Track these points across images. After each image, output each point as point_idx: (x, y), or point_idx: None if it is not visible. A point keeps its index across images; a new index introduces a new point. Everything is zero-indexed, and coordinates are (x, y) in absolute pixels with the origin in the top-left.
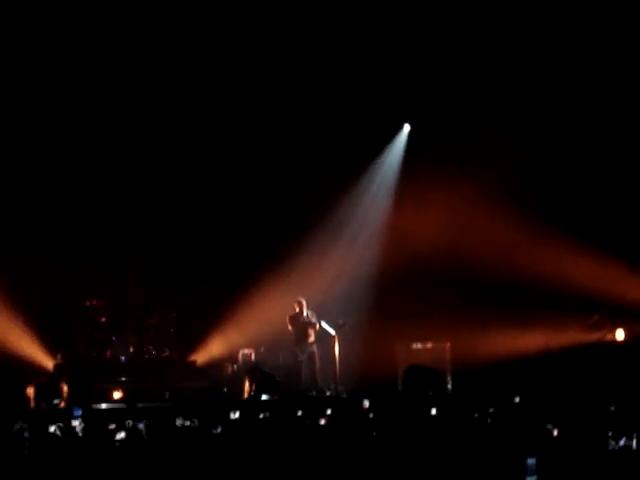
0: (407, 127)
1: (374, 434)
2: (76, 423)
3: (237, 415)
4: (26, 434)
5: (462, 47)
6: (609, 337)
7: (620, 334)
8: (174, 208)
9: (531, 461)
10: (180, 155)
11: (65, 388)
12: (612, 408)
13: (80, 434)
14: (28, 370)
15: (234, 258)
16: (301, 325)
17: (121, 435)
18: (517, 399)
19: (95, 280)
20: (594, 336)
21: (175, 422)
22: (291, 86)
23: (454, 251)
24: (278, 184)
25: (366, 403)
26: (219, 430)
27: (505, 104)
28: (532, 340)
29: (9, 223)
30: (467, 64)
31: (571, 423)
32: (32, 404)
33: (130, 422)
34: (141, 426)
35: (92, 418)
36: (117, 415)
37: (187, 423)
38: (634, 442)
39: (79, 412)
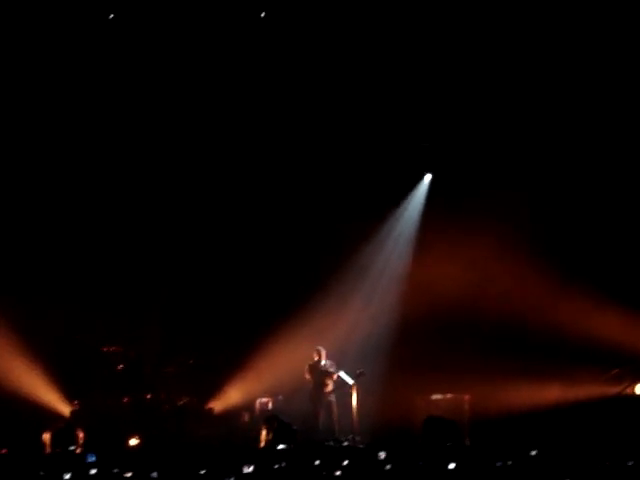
0: (428, 177)
1: None
2: (92, 471)
3: (250, 469)
4: None
5: (483, 100)
6: (629, 391)
7: None
8: (195, 256)
9: None
10: (202, 203)
11: (81, 434)
12: (630, 463)
13: None
14: (45, 416)
15: (253, 306)
16: (319, 374)
17: None
18: (534, 452)
19: (113, 327)
20: (614, 390)
21: (190, 472)
22: (315, 130)
23: (474, 303)
24: (298, 233)
25: (382, 454)
26: None
27: (525, 156)
28: (551, 393)
29: (29, 267)
30: (486, 115)
31: (588, 477)
32: (48, 450)
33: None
34: (154, 475)
35: (107, 465)
36: (132, 462)
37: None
38: None
39: (93, 458)
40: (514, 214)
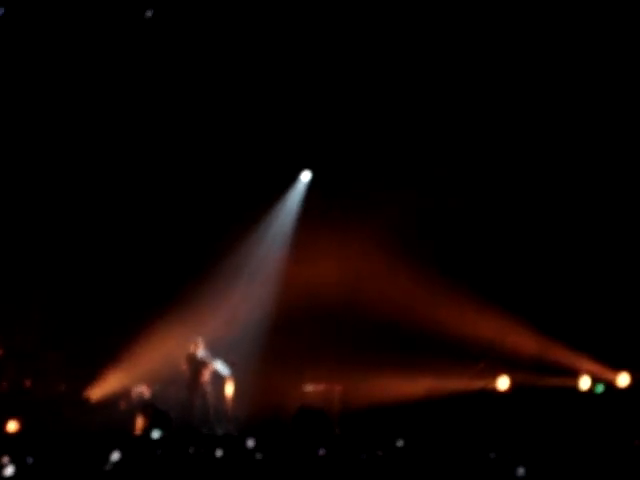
0: (307, 174)
1: (261, 474)
2: None
3: (117, 456)
4: None
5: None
6: (492, 385)
7: (504, 382)
8: (74, 242)
9: None
10: (84, 190)
11: None
12: (492, 455)
13: None
14: None
15: (132, 295)
16: (196, 364)
17: (9, 470)
18: (400, 443)
19: None
20: (479, 383)
21: (63, 458)
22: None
23: (348, 297)
24: (177, 224)
25: (250, 442)
26: (110, 468)
27: (403, 153)
28: (420, 385)
29: None
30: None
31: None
32: None
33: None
34: (30, 460)
35: None
36: (10, 447)
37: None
38: None
39: None
40: (389, 213)
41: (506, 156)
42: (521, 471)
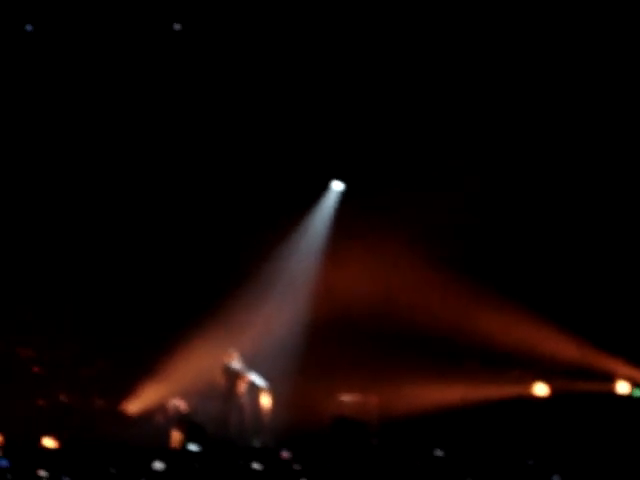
0: (339, 184)
1: None
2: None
3: (161, 466)
4: None
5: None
6: (529, 392)
7: (541, 389)
8: (111, 257)
9: None
10: (120, 203)
11: None
12: (530, 462)
13: None
14: None
15: (168, 310)
16: (232, 376)
17: None
18: (439, 452)
19: (29, 328)
20: (515, 390)
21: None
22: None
23: (383, 307)
24: (211, 240)
25: (285, 454)
26: None
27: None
28: (456, 394)
29: None
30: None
31: (491, 476)
32: None
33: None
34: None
35: (20, 469)
36: (47, 465)
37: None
38: None
39: (5, 463)
40: (421, 223)
41: (542, 163)
42: (557, 478)
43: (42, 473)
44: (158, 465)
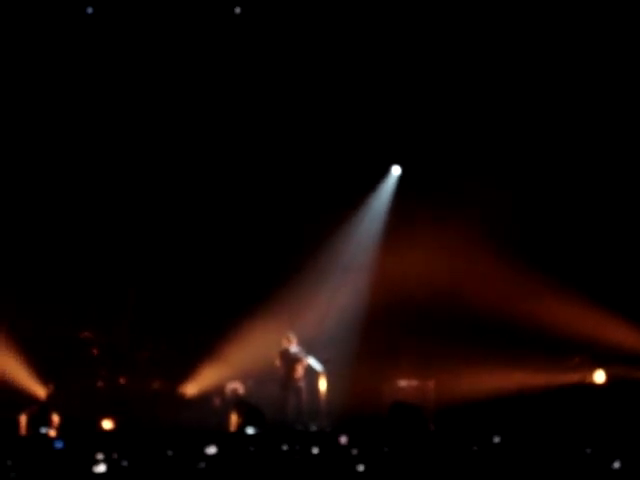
0: (397, 168)
1: (359, 469)
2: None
3: (214, 450)
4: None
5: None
6: (589, 379)
7: (600, 376)
8: (166, 240)
9: None
10: (173, 189)
11: (56, 418)
12: (588, 451)
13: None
14: (21, 399)
15: (226, 293)
16: (289, 360)
17: (101, 468)
18: (497, 439)
19: (88, 311)
20: (574, 377)
21: (160, 456)
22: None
23: (440, 291)
24: (269, 222)
25: (343, 439)
26: (203, 465)
27: (495, 150)
28: (514, 380)
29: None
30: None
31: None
32: (23, 432)
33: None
34: (124, 463)
35: (76, 450)
36: (104, 447)
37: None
38: None
39: (60, 445)
40: (481, 207)
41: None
42: (617, 465)
43: (99, 456)
44: (211, 450)
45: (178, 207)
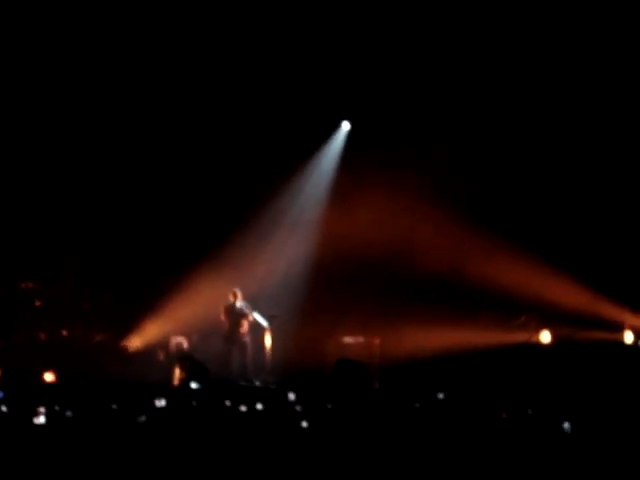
0: (346, 125)
1: (303, 425)
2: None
3: (163, 403)
4: None
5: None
6: (535, 339)
7: (546, 336)
8: (113, 192)
9: None
10: (122, 143)
11: None
12: (530, 411)
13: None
14: None
15: (170, 247)
16: (235, 315)
17: (40, 420)
18: (441, 396)
19: (30, 263)
20: (520, 337)
21: (103, 408)
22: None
23: (387, 249)
24: (215, 178)
25: (291, 396)
26: (144, 418)
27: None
28: (460, 338)
29: None
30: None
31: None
32: None
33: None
34: (69, 413)
35: (16, 401)
36: (46, 398)
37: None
38: None
39: (1, 395)
40: (435, 166)
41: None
42: (567, 426)
43: (41, 408)
44: (160, 402)
45: (125, 161)
